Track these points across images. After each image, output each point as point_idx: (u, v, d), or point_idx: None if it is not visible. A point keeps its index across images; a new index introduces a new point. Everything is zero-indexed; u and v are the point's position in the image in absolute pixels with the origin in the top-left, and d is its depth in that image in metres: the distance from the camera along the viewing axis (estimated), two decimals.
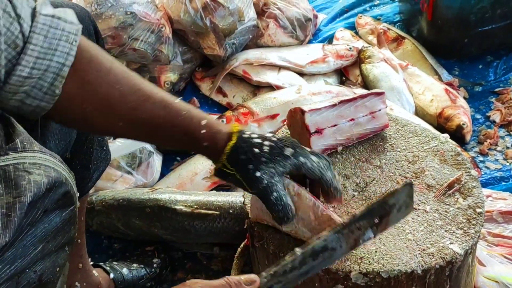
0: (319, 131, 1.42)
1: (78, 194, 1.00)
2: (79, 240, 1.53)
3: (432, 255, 1.20)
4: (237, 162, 1.15)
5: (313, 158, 1.18)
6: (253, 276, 1.04)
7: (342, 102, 1.45)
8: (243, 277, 1.03)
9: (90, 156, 1.41)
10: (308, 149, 1.20)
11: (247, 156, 1.14)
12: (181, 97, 2.53)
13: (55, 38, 1.01)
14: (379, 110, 1.48)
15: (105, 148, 1.48)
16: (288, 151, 1.16)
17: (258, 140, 1.17)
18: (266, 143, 1.16)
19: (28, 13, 0.99)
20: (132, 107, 1.09)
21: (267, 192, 1.14)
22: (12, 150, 0.92)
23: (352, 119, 1.46)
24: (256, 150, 1.15)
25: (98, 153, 1.44)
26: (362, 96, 1.48)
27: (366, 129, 1.47)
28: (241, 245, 1.47)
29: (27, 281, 0.90)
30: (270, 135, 1.20)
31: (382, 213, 1.14)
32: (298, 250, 1.07)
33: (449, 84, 2.45)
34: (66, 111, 1.05)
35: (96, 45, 1.10)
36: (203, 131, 1.15)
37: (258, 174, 1.14)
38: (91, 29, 1.35)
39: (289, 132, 1.53)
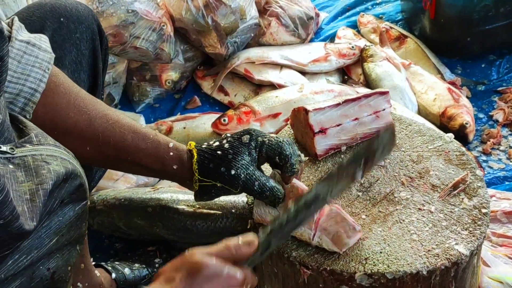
0: (323, 131, 1.41)
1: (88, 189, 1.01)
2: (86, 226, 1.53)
3: (438, 256, 1.19)
4: (209, 171, 1.18)
5: (272, 136, 1.22)
6: (251, 237, 1.04)
7: (346, 101, 1.44)
8: (242, 239, 1.03)
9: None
10: (268, 133, 1.24)
11: (215, 162, 1.18)
12: (182, 96, 2.54)
13: (29, 64, 1.02)
14: (384, 109, 1.47)
15: None
16: (245, 138, 1.20)
17: (216, 143, 1.21)
18: (224, 141, 1.20)
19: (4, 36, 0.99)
20: (100, 131, 1.11)
21: (249, 184, 1.18)
22: (28, 143, 0.93)
23: (356, 119, 1.45)
24: (219, 152, 1.18)
25: None
26: (366, 96, 1.46)
27: (370, 128, 1.46)
28: None
29: (40, 277, 0.91)
30: (223, 135, 1.24)
31: (367, 156, 1.14)
32: (291, 205, 1.08)
33: (452, 83, 2.44)
34: None
35: (63, 73, 1.12)
36: (171, 153, 1.17)
37: (233, 172, 1.17)
38: (94, 28, 1.35)
39: (292, 132, 1.52)
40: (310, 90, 2.32)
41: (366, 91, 2.35)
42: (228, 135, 1.23)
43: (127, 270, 1.73)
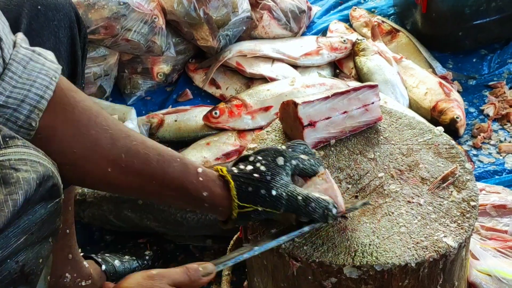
0: (312, 124, 1.41)
1: (62, 186, 0.98)
2: (67, 231, 1.51)
3: (426, 248, 1.19)
4: (249, 196, 1.13)
5: (303, 157, 1.19)
6: (210, 268, 1.03)
7: (335, 94, 1.44)
8: (202, 266, 1.03)
9: None
10: (293, 146, 1.21)
11: (253, 185, 1.13)
12: (174, 89, 2.53)
13: (35, 70, 0.98)
14: (372, 103, 1.47)
15: None
16: (280, 160, 1.16)
17: (250, 167, 1.15)
18: (258, 164, 1.15)
19: (10, 40, 0.97)
20: (123, 151, 1.05)
21: (292, 201, 1.13)
22: None
23: (345, 112, 1.45)
24: (256, 175, 1.13)
25: None
26: (355, 89, 1.47)
27: (359, 122, 1.47)
28: (234, 238, 1.47)
29: (8, 271, 0.88)
30: (252, 158, 1.18)
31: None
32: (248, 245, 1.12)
33: (443, 78, 2.45)
34: (56, 156, 0.99)
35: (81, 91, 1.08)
36: (201, 178, 1.11)
37: (274, 193, 1.12)
38: (72, 16, 1.33)
39: (281, 125, 1.52)
40: (301, 83, 2.32)
41: (357, 85, 2.37)
42: (258, 157, 1.17)
43: (117, 262, 1.73)
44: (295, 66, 2.54)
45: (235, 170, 1.16)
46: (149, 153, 1.07)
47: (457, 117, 2.22)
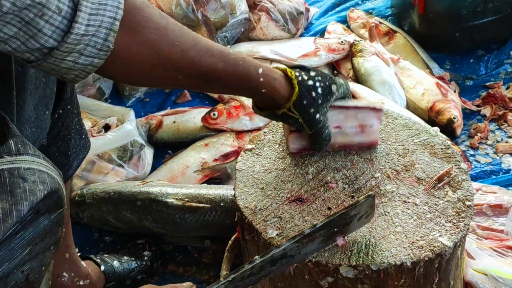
0: (298, 130, 1.38)
1: (65, 195, 1.00)
2: (64, 229, 1.52)
3: (422, 248, 1.20)
4: (301, 107, 1.28)
5: (343, 85, 1.37)
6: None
7: (333, 106, 1.36)
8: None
9: (68, 143, 1.40)
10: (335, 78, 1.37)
11: (308, 101, 1.28)
12: (172, 90, 2.54)
13: None
14: (371, 126, 1.41)
15: (83, 136, 1.47)
16: (334, 87, 1.33)
17: (310, 82, 1.29)
18: (317, 84, 1.30)
19: None
20: (192, 61, 1.13)
21: (322, 129, 1.32)
22: (6, 153, 0.92)
23: (338, 127, 1.39)
24: (313, 93, 1.29)
25: (76, 141, 1.44)
26: (356, 107, 1.40)
27: (352, 141, 1.42)
28: (232, 238, 1.48)
29: (14, 281, 0.90)
30: (313, 73, 1.31)
31: (342, 223, 1.19)
32: (257, 258, 1.12)
33: (440, 78, 2.46)
34: (123, 69, 1.07)
35: (147, 2, 1.11)
36: (261, 79, 1.23)
37: (317, 116, 1.30)
38: None
39: (281, 125, 1.53)
40: None
41: (356, 85, 2.38)
42: (319, 77, 1.31)
43: (116, 263, 1.74)
44: None
45: (300, 76, 1.29)
46: (215, 59, 1.16)
47: (454, 118, 2.23)
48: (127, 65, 1.06)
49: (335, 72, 2.61)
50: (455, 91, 2.41)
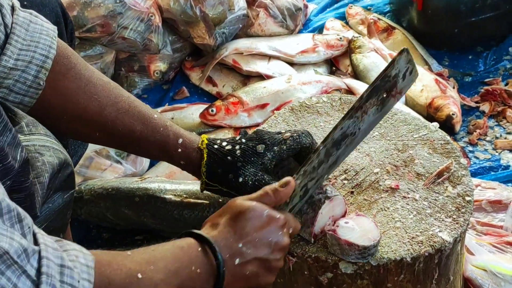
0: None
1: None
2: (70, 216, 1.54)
3: (421, 243, 1.20)
4: (217, 177, 1.18)
5: (287, 136, 1.21)
6: (287, 178, 1.06)
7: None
8: (278, 182, 1.06)
9: (66, 140, 1.40)
10: (281, 133, 1.23)
11: (223, 168, 1.17)
12: (170, 86, 2.54)
13: (36, 32, 1.01)
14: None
15: None
16: (260, 147, 1.19)
17: (229, 147, 1.19)
18: (237, 147, 1.19)
19: (8, 5, 0.99)
20: (110, 119, 1.10)
21: (257, 190, 1.12)
22: (19, 133, 0.93)
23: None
24: (229, 158, 1.18)
25: None
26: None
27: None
28: None
29: None
30: (238, 137, 1.22)
31: (388, 86, 1.15)
32: (320, 145, 1.10)
33: (439, 75, 2.46)
34: (46, 117, 1.05)
35: (76, 53, 1.11)
36: (179, 150, 1.18)
37: (240, 179, 1.17)
38: (58, 11, 1.34)
39: (278, 120, 1.53)
40: (298, 81, 2.33)
41: (355, 81, 2.37)
42: (243, 140, 1.20)
43: None
44: (292, 64, 2.54)
45: (216, 143, 1.20)
46: (134, 122, 1.13)
47: (453, 114, 2.23)
48: (50, 115, 1.05)
49: (334, 68, 2.61)
50: (454, 88, 2.41)
